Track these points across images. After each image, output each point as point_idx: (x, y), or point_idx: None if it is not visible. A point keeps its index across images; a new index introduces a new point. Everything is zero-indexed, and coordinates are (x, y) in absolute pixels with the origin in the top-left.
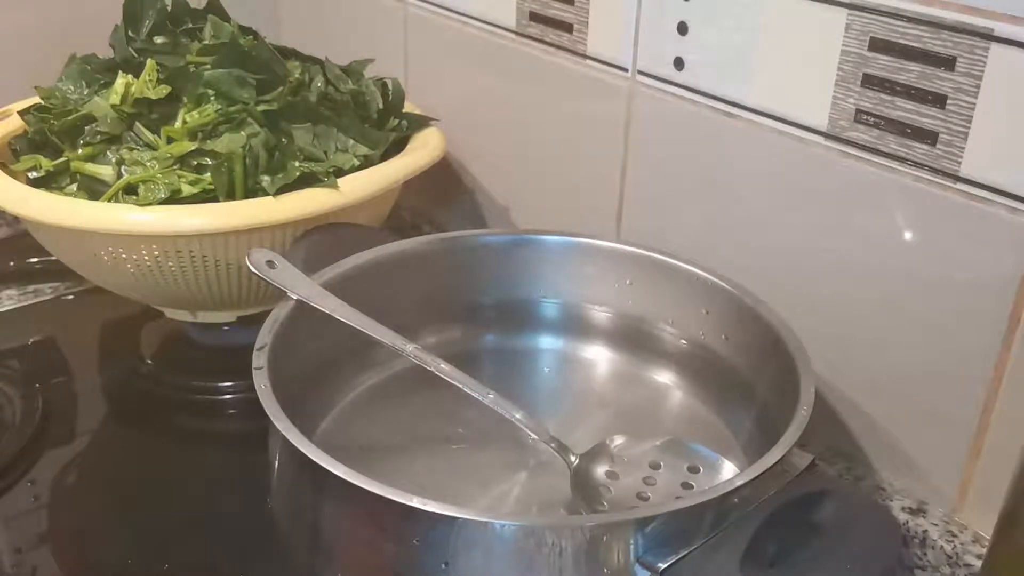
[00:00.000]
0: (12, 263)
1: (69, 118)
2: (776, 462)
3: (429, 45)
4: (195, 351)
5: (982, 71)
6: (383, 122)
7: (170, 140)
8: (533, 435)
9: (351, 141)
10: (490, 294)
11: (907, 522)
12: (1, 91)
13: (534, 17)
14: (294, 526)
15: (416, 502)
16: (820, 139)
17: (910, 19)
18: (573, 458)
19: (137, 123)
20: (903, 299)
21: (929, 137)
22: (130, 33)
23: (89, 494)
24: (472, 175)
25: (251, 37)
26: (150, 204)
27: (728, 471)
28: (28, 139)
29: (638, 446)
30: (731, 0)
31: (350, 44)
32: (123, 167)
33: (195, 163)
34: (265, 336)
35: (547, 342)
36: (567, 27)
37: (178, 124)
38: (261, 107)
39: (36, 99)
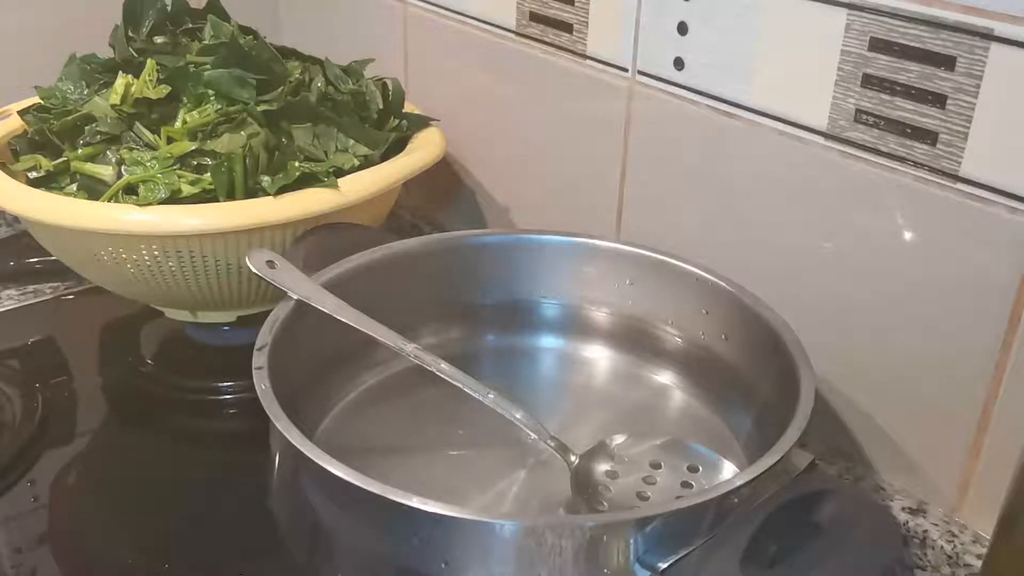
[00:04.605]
0: (12, 263)
1: (69, 118)
2: (776, 462)
3: (429, 45)
4: (195, 351)
5: (982, 71)
6: (383, 122)
7: (170, 140)
8: (533, 435)
9: (351, 141)
10: (490, 294)
11: (907, 522)
12: (1, 91)
13: (534, 17)
14: (294, 526)
15: (416, 502)
16: (820, 139)
17: (910, 19)
18: (573, 457)
19: (137, 123)
20: (903, 299)
21: (929, 137)
22: (130, 33)
23: (89, 494)
24: (472, 175)
25: (251, 37)
26: (150, 204)
27: (728, 471)
28: (28, 139)
29: (638, 445)
30: (731, 0)
31: (350, 44)
32: (123, 167)
33: (195, 163)
34: (265, 336)
35: (547, 342)
36: (567, 27)
37: (178, 124)
38: (261, 107)
39: (36, 99)
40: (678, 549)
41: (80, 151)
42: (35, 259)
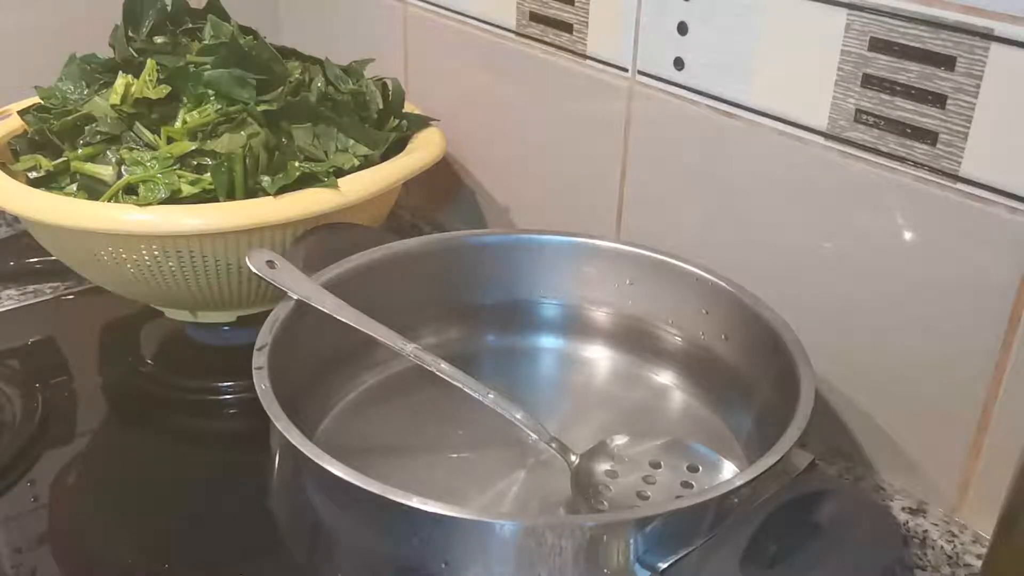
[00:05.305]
0: (12, 263)
1: (69, 118)
2: (776, 462)
3: (429, 45)
4: (195, 351)
5: (982, 71)
6: (383, 122)
7: (170, 140)
8: (533, 435)
9: (351, 141)
10: (490, 294)
11: (907, 522)
12: (1, 91)
13: (534, 17)
14: (294, 526)
15: (416, 502)
16: (820, 139)
17: (910, 19)
18: (573, 457)
19: (137, 123)
20: (903, 299)
21: (929, 137)
22: (130, 33)
23: (89, 494)
24: (472, 175)
25: (251, 37)
26: (150, 204)
27: (728, 471)
28: (28, 139)
29: (638, 445)
30: (731, 0)
31: (350, 44)
32: (123, 167)
33: (195, 163)
34: (265, 336)
35: (547, 342)
36: (567, 27)
37: (178, 124)
38: (261, 107)
39: (36, 99)
40: (678, 549)
41: (80, 151)
42: (35, 259)
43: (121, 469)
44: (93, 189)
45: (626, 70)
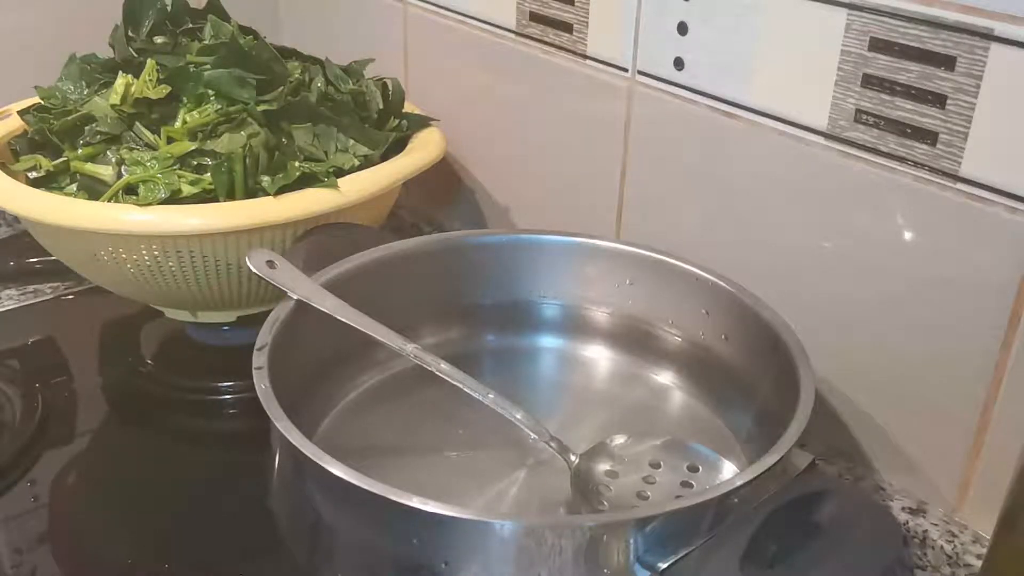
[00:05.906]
0: (12, 263)
1: (69, 118)
2: (776, 462)
3: (429, 45)
4: (195, 351)
5: (982, 71)
6: (383, 122)
7: (170, 140)
8: (533, 435)
9: (351, 141)
10: (490, 294)
11: (907, 522)
12: (1, 91)
13: (534, 17)
14: (294, 526)
15: (416, 502)
16: (820, 139)
17: (910, 19)
18: (573, 457)
19: (137, 123)
20: (903, 299)
21: (929, 137)
22: (130, 33)
23: (89, 494)
24: (472, 175)
25: (251, 37)
26: (150, 204)
27: (728, 471)
28: (28, 139)
29: (638, 445)
30: (731, 0)
31: (350, 44)
32: (123, 167)
33: (195, 163)
34: (265, 336)
35: (547, 342)
36: (567, 27)
37: (178, 124)
38: (261, 107)
39: (36, 99)
40: (678, 549)
41: (80, 151)
42: (35, 259)
43: (121, 469)
44: (93, 189)
45: (626, 70)
